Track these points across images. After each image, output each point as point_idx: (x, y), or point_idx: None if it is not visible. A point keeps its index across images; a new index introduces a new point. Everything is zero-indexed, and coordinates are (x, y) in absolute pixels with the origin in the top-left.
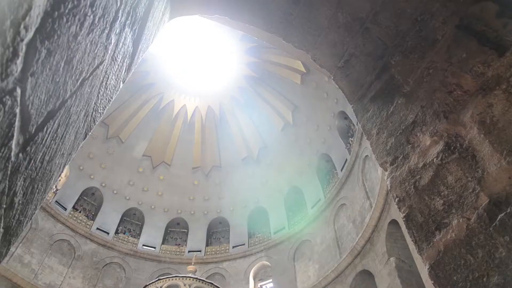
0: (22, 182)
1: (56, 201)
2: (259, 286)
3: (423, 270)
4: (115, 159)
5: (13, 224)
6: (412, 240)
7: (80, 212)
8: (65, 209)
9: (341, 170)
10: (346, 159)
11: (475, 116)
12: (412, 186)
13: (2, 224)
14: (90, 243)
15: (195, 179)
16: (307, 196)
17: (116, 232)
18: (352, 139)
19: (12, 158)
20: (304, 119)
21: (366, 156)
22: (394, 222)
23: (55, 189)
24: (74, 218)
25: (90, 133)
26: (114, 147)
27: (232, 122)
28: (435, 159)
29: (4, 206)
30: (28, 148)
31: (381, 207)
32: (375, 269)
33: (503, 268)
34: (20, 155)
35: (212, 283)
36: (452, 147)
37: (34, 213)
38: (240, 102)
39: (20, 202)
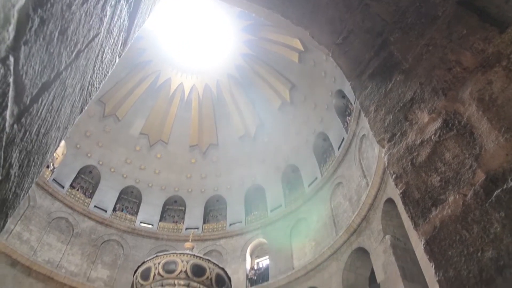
0: (18, 154)
1: (53, 179)
2: (255, 263)
3: (418, 248)
4: (112, 137)
5: (10, 196)
6: (409, 216)
7: (77, 190)
8: (63, 187)
9: (338, 148)
10: (343, 138)
11: (474, 93)
12: (410, 162)
13: None
14: (88, 221)
15: (192, 157)
16: (304, 174)
17: (114, 210)
18: (349, 118)
19: (7, 129)
20: (302, 98)
21: (364, 135)
22: (390, 201)
23: (52, 167)
24: (72, 196)
25: (86, 107)
26: (111, 125)
27: (229, 100)
28: (433, 136)
29: (0, 178)
30: (23, 120)
31: (378, 185)
32: (370, 247)
33: (497, 243)
34: (15, 126)
35: (209, 260)
36: (450, 124)
37: (30, 186)
38: (237, 80)
39: (16, 174)
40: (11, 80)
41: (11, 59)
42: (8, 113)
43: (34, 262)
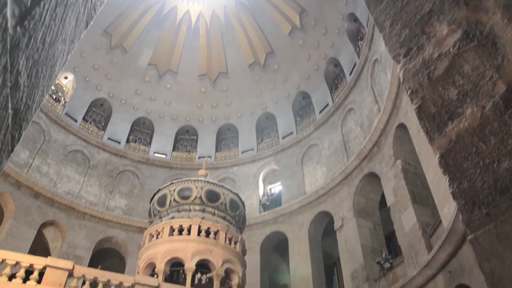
0: (25, 62)
1: (66, 113)
2: (268, 189)
3: (428, 172)
4: (121, 69)
5: (22, 107)
6: (424, 131)
7: (90, 123)
8: (76, 120)
9: (350, 74)
10: (355, 63)
11: (499, 0)
12: (426, 77)
13: (10, 105)
14: (103, 153)
15: (202, 86)
16: (315, 101)
17: (127, 141)
18: (361, 43)
19: (10, 30)
20: (312, 23)
21: (376, 59)
22: (401, 126)
23: (63, 101)
24: (85, 129)
25: (91, 22)
26: (118, 57)
27: (238, 27)
28: (451, 49)
29: (9, 84)
30: (26, 23)
31: (390, 110)
32: (381, 172)
33: None
34: (18, 29)
35: (223, 186)
36: (471, 35)
37: (41, 100)
38: (245, 5)
39: (26, 84)
40: None
41: None
42: (8, 12)
43: (55, 194)
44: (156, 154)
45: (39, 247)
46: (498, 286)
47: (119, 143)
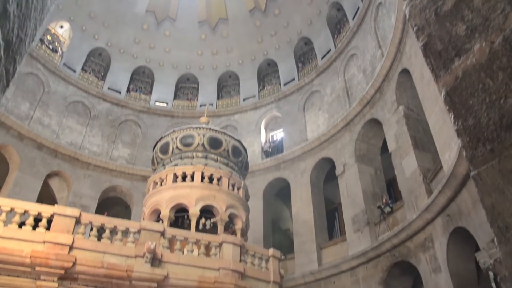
0: None
1: (64, 64)
2: (270, 136)
3: (431, 118)
4: (118, 17)
5: (13, 39)
6: (430, 68)
7: (89, 73)
8: (74, 71)
9: (353, 19)
10: (358, 7)
11: None
12: (433, 13)
13: (0, 35)
14: (104, 103)
15: (202, 33)
16: (317, 46)
17: (128, 91)
18: None
19: None
20: None
21: (380, 3)
22: (405, 71)
23: (60, 51)
24: (85, 80)
25: None
26: (115, 4)
27: None
28: None
29: None
30: None
31: (393, 56)
32: (383, 118)
33: None
34: None
35: (225, 132)
36: None
37: (34, 34)
38: None
39: (16, 14)
40: None
41: None
42: None
43: (58, 145)
44: (157, 103)
45: (46, 198)
46: (498, 220)
47: (120, 92)
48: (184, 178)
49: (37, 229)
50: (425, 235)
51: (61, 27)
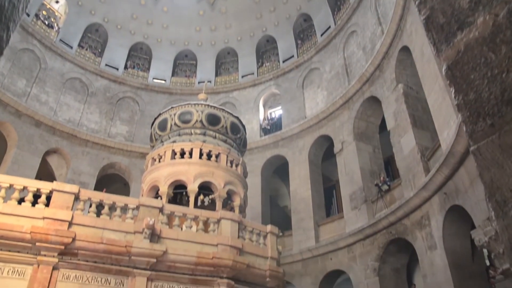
0: None
1: (60, 40)
2: (268, 113)
3: (430, 96)
4: None
5: (6, 4)
6: (431, 43)
7: (86, 49)
8: (71, 47)
9: None
10: None
11: None
12: None
13: None
14: (101, 80)
15: (200, 8)
16: (316, 23)
17: (125, 68)
18: None
19: None
20: None
21: None
22: (405, 49)
23: (56, 27)
24: (82, 56)
25: None
26: None
27: None
28: None
29: None
30: None
31: (393, 33)
32: (382, 95)
33: None
34: None
35: (223, 109)
36: None
37: (28, 0)
38: None
39: None
40: None
41: None
42: None
43: (56, 122)
44: (155, 80)
45: (45, 175)
46: (497, 194)
47: (117, 69)
48: (182, 154)
49: (36, 205)
50: (421, 213)
51: (57, 1)
